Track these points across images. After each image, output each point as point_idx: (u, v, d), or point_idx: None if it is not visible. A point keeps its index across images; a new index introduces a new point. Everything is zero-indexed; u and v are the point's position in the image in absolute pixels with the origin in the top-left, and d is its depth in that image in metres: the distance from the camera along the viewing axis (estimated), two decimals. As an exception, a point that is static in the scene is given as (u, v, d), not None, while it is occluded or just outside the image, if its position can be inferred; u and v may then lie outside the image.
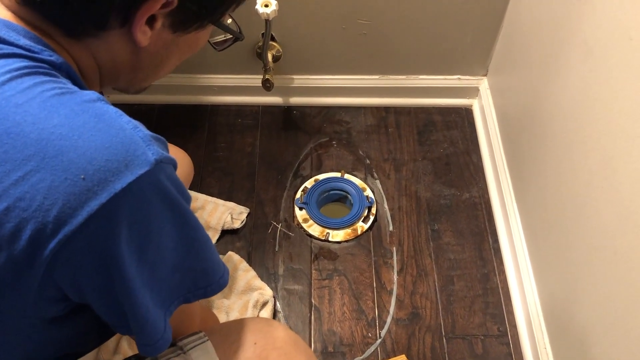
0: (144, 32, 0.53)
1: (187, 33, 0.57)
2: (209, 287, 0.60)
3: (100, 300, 0.52)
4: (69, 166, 0.45)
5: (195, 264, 0.58)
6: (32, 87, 0.47)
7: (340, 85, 1.52)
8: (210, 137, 1.50)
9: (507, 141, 1.36)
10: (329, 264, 1.29)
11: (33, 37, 0.51)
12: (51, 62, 0.51)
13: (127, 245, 0.48)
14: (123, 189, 0.46)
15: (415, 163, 1.46)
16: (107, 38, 0.54)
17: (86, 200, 0.45)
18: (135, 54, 0.56)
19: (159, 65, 0.61)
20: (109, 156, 0.46)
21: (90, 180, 0.45)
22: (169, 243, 0.53)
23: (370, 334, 1.19)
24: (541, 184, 1.13)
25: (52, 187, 0.45)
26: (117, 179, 0.46)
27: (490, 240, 1.33)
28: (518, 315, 1.21)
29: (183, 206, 0.53)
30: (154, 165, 0.47)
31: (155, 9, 0.51)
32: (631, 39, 0.78)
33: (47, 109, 0.46)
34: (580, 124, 0.94)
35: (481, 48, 1.43)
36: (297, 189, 1.40)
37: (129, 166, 0.46)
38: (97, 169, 0.45)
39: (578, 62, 0.95)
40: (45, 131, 0.45)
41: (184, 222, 0.54)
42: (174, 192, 0.51)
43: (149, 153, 0.47)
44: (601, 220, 0.87)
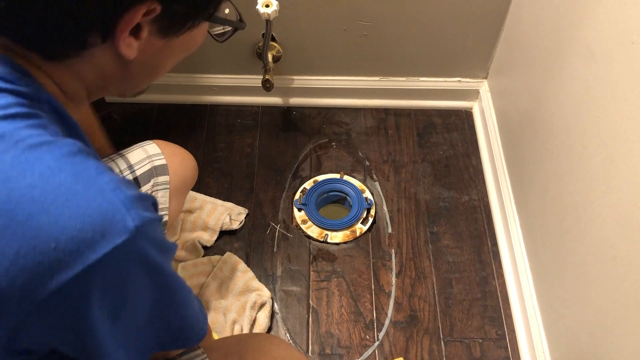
0: (129, 45, 0.50)
1: (179, 35, 0.54)
2: (187, 340, 0.59)
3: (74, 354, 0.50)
4: (39, 234, 0.41)
5: (173, 321, 0.56)
6: (5, 136, 0.43)
7: (340, 86, 1.52)
8: (210, 137, 1.49)
9: (507, 144, 1.35)
10: (327, 265, 1.28)
11: (8, 63, 0.48)
12: (28, 94, 0.47)
13: (99, 310, 0.45)
14: (98, 260, 0.42)
15: (415, 165, 1.45)
16: (91, 56, 0.50)
17: (57, 271, 0.42)
18: (124, 66, 0.53)
19: (152, 72, 0.58)
20: (83, 225, 0.42)
21: (62, 250, 0.41)
22: (145, 305, 0.50)
23: (368, 336, 1.19)
24: (541, 188, 1.13)
25: (20, 255, 0.41)
26: (91, 250, 0.42)
27: (489, 243, 1.32)
28: (516, 319, 1.20)
29: (162, 268, 0.50)
30: (134, 232, 0.44)
31: (137, 20, 0.48)
32: (633, 42, 0.77)
33: (21, 165, 0.43)
34: (581, 127, 0.94)
35: (482, 50, 1.43)
36: (296, 190, 1.40)
37: (106, 236, 0.43)
38: (69, 238, 0.42)
39: (579, 65, 0.94)
40: (15, 192, 0.42)
41: (163, 285, 0.51)
42: (154, 257, 0.48)
43: (128, 219, 0.44)
44: (601, 225, 0.87)
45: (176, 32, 0.53)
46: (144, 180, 0.93)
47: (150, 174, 0.93)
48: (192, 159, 1.04)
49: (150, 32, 0.50)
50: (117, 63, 0.52)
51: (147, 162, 0.94)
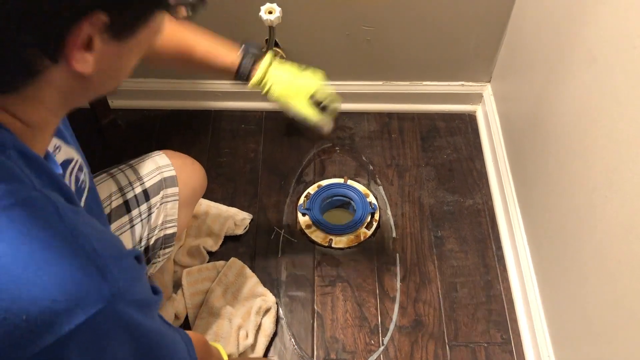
0: (84, 60, 0.45)
1: (137, 33, 0.49)
2: None
3: None
4: (10, 305, 0.39)
5: None
6: None
7: (344, 91, 1.52)
8: (214, 142, 1.50)
9: (510, 148, 1.35)
10: (331, 270, 1.29)
11: None
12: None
13: None
14: (71, 331, 0.41)
15: (419, 169, 1.45)
16: (46, 80, 0.46)
17: (28, 344, 0.40)
18: (84, 80, 0.48)
19: (116, 75, 0.53)
20: (55, 296, 0.40)
21: (34, 322, 0.40)
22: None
23: (373, 341, 1.19)
24: (545, 191, 1.13)
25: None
26: (64, 321, 0.40)
27: (493, 247, 1.32)
28: (521, 323, 1.20)
29: (143, 328, 0.48)
30: (110, 300, 0.42)
31: (84, 35, 0.43)
32: (635, 47, 0.77)
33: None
34: (584, 131, 0.94)
35: (485, 54, 1.43)
36: (300, 194, 1.40)
37: (80, 305, 0.41)
38: (40, 311, 0.40)
39: (582, 69, 0.94)
40: None
41: (144, 344, 0.49)
42: (133, 317, 0.46)
43: (104, 288, 0.42)
44: (605, 229, 0.87)
45: (132, 33, 0.48)
46: (153, 192, 0.93)
47: (160, 185, 0.94)
48: (202, 170, 1.04)
49: (103, 41, 0.46)
50: (76, 80, 0.48)
51: (156, 173, 0.94)
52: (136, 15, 0.48)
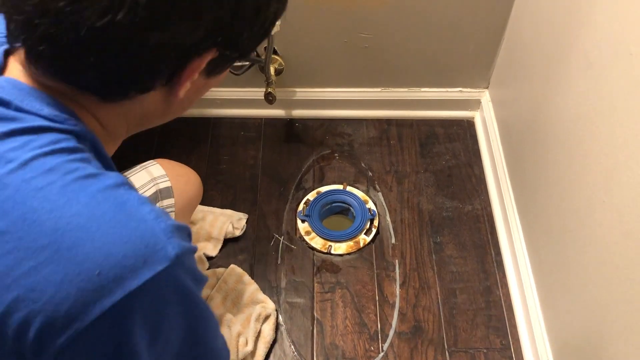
0: (185, 87, 0.52)
1: (219, 74, 0.56)
2: None
3: None
4: (84, 260, 0.43)
5: (201, 353, 0.56)
6: (54, 168, 0.46)
7: (342, 98, 1.53)
8: (213, 149, 1.50)
9: (509, 153, 1.36)
10: (331, 276, 1.29)
11: (56, 105, 0.49)
12: (75, 132, 0.49)
13: (139, 339, 0.46)
14: (139, 287, 0.44)
15: (418, 175, 1.46)
16: (145, 97, 0.52)
17: (100, 298, 0.43)
18: (168, 104, 0.55)
19: (187, 107, 0.60)
20: (126, 252, 0.44)
21: (105, 276, 0.43)
22: (178, 334, 0.51)
23: (373, 348, 1.19)
24: (543, 197, 1.13)
25: (65, 281, 0.43)
26: (133, 276, 0.44)
27: (492, 252, 1.32)
28: (521, 329, 1.20)
29: (197, 299, 0.51)
30: (174, 260, 0.46)
31: (200, 68, 0.50)
32: (631, 54, 0.78)
33: (66, 196, 0.45)
34: (582, 137, 0.94)
35: (483, 61, 1.44)
36: (299, 201, 1.41)
37: (147, 262, 0.44)
38: (113, 265, 0.43)
39: (579, 75, 0.95)
40: (62, 220, 0.44)
41: (196, 316, 0.52)
42: (190, 286, 0.49)
43: (169, 247, 0.46)
44: (603, 234, 0.87)
45: (220, 73, 0.56)
46: None
47: (155, 197, 0.94)
48: (197, 178, 1.04)
49: (200, 73, 0.52)
50: (163, 103, 0.54)
51: (151, 185, 0.94)
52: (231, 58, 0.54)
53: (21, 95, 0.48)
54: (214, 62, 0.52)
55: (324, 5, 1.29)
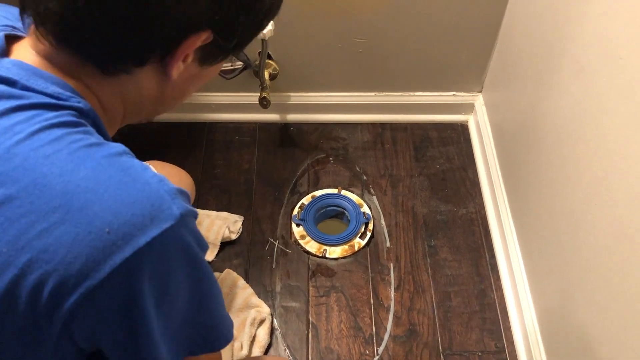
0: (178, 67, 0.54)
1: (212, 65, 0.58)
2: (216, 341, 0.60)
3: (116, 352, 0.52)
4: (94, 220, 0.45)
5: (206, 319, 0.58)
6: (60, 138, 0.47)
7: (337, 102, 1.53)
8: (208, 154, 1.50)
9: (502, 157, 1.37)
10: (326, 280, 1.29)
11: (61, 84, 0.51)
12: (79, 108, 0.51)
13: (148, 297, 0.48)
14: (147, 244, 0.46)
15: (412, 179, 1.46)
16: (140, 74, 0.54)
17: (110, 255, 0.45)
18: (162, 88, 0.57)
19: (180, 96, 0.61)
20: (134, 210, 0.46)
21: (115, 234, 0.45)
22: (184, 296, 0.53)
23: (368, 351, 1.19)
24: (537, 200, 1.14)
25: (76, 241, 0.45)
26: (141, 233, 0.46)
27: (487, 256, 1.33)
28: (515, 331, 1.20)
29: (201, 260, 0.53)
30: (179, 219, 0.48)
31: (197, 45, 0.52)
32: (621, 57, 0.79)
33: (74, 162, 0.47)
34: (574, 140, 0.95)
35: (476, 65, 1.45)
36: (294, 205, 1.41)
37: (154, 220, 0.46)
38: (122, 223, 0.45)
39: (570, 79, 0.96)
40: (71, 184, 0.46)
41: (201, 277, 0.54)
42: (194, 247, 0.51)
43: (174, 207, 0.48)
44: (596, 237, 0.88)
45: (212, 63, 0.57)
46: None
47: None
48: (189, 179, 1.04)
49: (194, 59, 0.55)
50: (157, 84, 0.56)
51: None
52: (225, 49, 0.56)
53: (27, 75, 0.50)
54: (208, 48, 0.54)
55: (318, 10, 1.30)
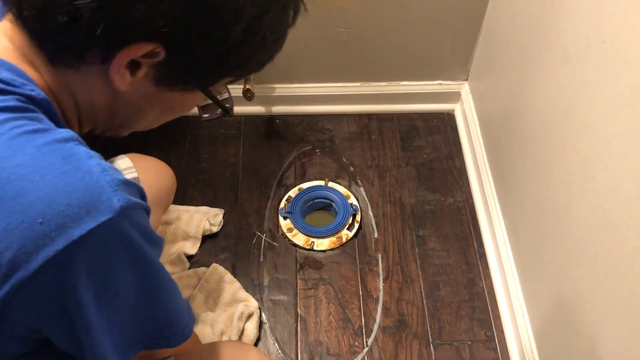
0: (122, 76, 0.51)
1: (171, 91, 0.55)
2: (171, 337, 0.59)
3: (60, 341, 0.51)
4: (27, 209, 0.43)
5: (158, 313, 0.56)
6: (2, 122, 0.45)
7: (322, 93, 1.52)
8: (193, 148, 1.49)
9: (489, 145, 1.36)
10: (314, 273, 1.28)
11: (16, 71, 0.50)
12: (31, 96, 0.49)
13: (85, 291, 0.46)
14: (82, 236, 0.44)
15: (399, 169, 1.46)
16: (86, 74, 0.52)
17: (42, 246, 0.43)
18: (113, 98, 0.55)
19: (136, 114, 0.59)
20: (70, 200, 0.44)
21: (48, 225, 0.43)
22: (130, 291, 0.51)
23: (357, 343, 1.18)
24: (523, 187, 1.13)
25: (8, 230, 0.43)
26: (76, 225, 0.43)
27: (475, 244, 1.32)
28: (505, 320, 1.20)
29: (148, 255, 0.51)
30: (119, 212, 0.45)
31: (137, 55, 0.49)
32: (604, 42, 0.78)
33: (12, 147, 0.45)
34: (559, 127, 0.94)
35: (461, 53, 1.44)
36: (281, 198, 1.40)
37: (91, 212, 0.44)
38: (56, 213, 0.43)
39: (555, 66, 0.95)
40: (5, 170, 0.43)
41: (148, 272, 0.52)
42: (139, 241, 0.49)
43: (114, 199, 0.45)
44: (581, 223, 0.87)
45: (169, 86, 0.55)
46: None
47: None
48: (169, 171, 1.02)
49: (147, 76, 0.52)
50: (107, 92, 0.54)
51: None
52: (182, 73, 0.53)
53: None
54: (163, 68, 0.52)
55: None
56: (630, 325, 0.76)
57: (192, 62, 0.52)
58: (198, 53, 0.52)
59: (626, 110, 0.73)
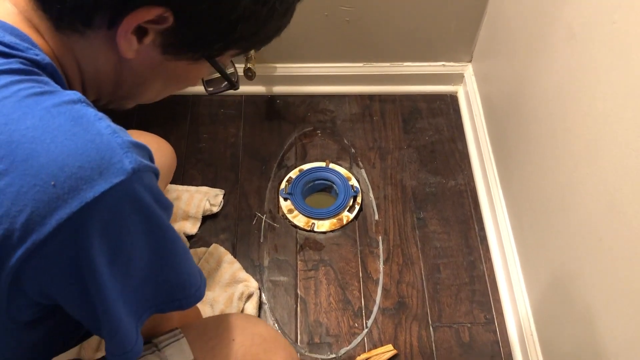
0: (129, 42, 0.50)
1: (178, 60, 0.55)
2: (184, 299, 0.58)
3: (72, 307, 0.51)
4: (39, 171, 0.43)
5: (171, 276, 0.56)
6: (8, 85, 0.45)
7: (324, 73, 1.50)
8: (193, 128, 1.47)
9: (492, 128, 1.35)
10: (314, 254, 1.28)
11: (20, 35, 0.49)
12: (35, 60, 0.48)
13: (98, 255, 0.46)
14: (95, 198, 0.43)
15: (401, 151, 1.45)
16: (92, 40, 0.51)
17: (56, 208, 0.43)
18: (119, 66, 0.54)
19: (141, 85, 0.58)
20: (82, 163, 0.43)
21: (61, 187, 0.43)
22: (142, 254, 0.51)
23: (357, 324, 1.18)
24: (526, 171, 1.12)
25: (21, 193, 0.42)
26: (89, 187, 0.43)
27: (476, 227, 1.32)
28: (505, 303, 1.20)
29: (159, 218, 0.50)
30: (131, 174, 0.45)
31: (144, 20, 0.49)
32: (614, 22, 0.76)
33: (21, 109, 0.44)
34: (565, 109, 0.93)
35: (465, 34, 1.42)
36: (281, 179, 1.39)
37: (103, 174, 0.44)
38: (68, 175, 0.43)
39: (562, 46, 0.94)
40: (16, 133, 0.43)
41: (160, 235, 0.52)
42: (150, 203, 0.48)
43: (125, 161, 0.45)
44: (586, 207, 0.87)
45: (176, 55, 0.54)
46: None
47: None
48: (169, 147, 1.02)
49: (154, 43, 0.52)
50: (112, 60, 0.53)
51: None
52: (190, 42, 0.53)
53: None
54: (169, 34, 0.51)
55: (303, -23, 1.26)
56: (634, 310, 0.75)
57: (200, 30, 0.52)
58: (206, 20, 0.51)
59: (635, 93, 0.72)
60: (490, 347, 1.16)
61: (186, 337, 0.68)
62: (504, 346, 1.16)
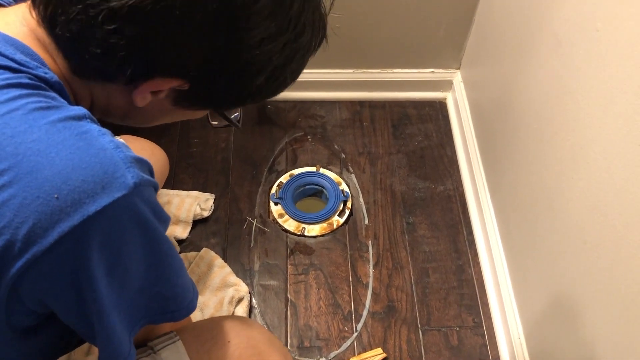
0: (144, 97, 0.53)
1: (187, 109, 0.58)
2: (177, 312, 0.59)
3: (68, 316, 0.51)
4: (43, 184, 0.43)
5: (165, 289, 0.57)
6: (16, 98, 0.46)
7: (315, 79, 1.52)
8: (183, 132, 1.48)
9: (480, 134, 1.37)
10: (304, 258, 1.28)
11: (31, 54, 0.50)
12: (44, 78, 0.49)
13: (97, 266, 0.47)
14: (97, 212, 0.44)
15: (390, 157, 1.46)
16: (108, 86, 0.54)
17: (58, 221, 0.43)
18: (130, 106, 0.56)
19: (149, 121, 0.61)
20: (85, 176, 0.44)
21: (64, 200, 0.43)
22: (139, 266, 0.52)
23: (347, 328, 1.19)
24: (514, 176, 1.14)
25: (24, 205, 0.43)
26: (91, 201, 0.44)
27: (464, 232, 1.33)
28: (492, 307, 1.22)
29: (158, 232, 0.52)
30: (132, 188, 0.46)
31: (163, 88, 0.52)
32: (597, 30, 0.78)
33: (27, 122, 0.45)
34: (551, 115, 0.95)
35: (454, 41, 1.44)
36: (272, 184, 1.40)
37: (106, 188, 0.45)
38: (71, 189, 0.44)
39: (548, 54, 0.95)
40: (22, 145, 0.44)
41: (157, 248, 0.53)
42: (150, 218, 0.49)
43: (128, 176, 0.46)
44: (571, 210, 0.88)
45: (187, 107, 0.57)
46: None
47: None
48: (162, 153, 1.03)
49: (167, 97, 0.55)
50: (125, 102, 0.55)
51: None
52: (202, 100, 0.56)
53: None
54: (183, 93, 0.54)
55: (294, -16, 1.27)
56: (619, 310, 0.77)
57: (213, 97, 0.56)
58: (220, 92, 0.55)
59: (618, 99, 0.74)
60: (478, 350, 1.17)
61: (182, 339, 0.68)
62: (492, 349, 1.17)
